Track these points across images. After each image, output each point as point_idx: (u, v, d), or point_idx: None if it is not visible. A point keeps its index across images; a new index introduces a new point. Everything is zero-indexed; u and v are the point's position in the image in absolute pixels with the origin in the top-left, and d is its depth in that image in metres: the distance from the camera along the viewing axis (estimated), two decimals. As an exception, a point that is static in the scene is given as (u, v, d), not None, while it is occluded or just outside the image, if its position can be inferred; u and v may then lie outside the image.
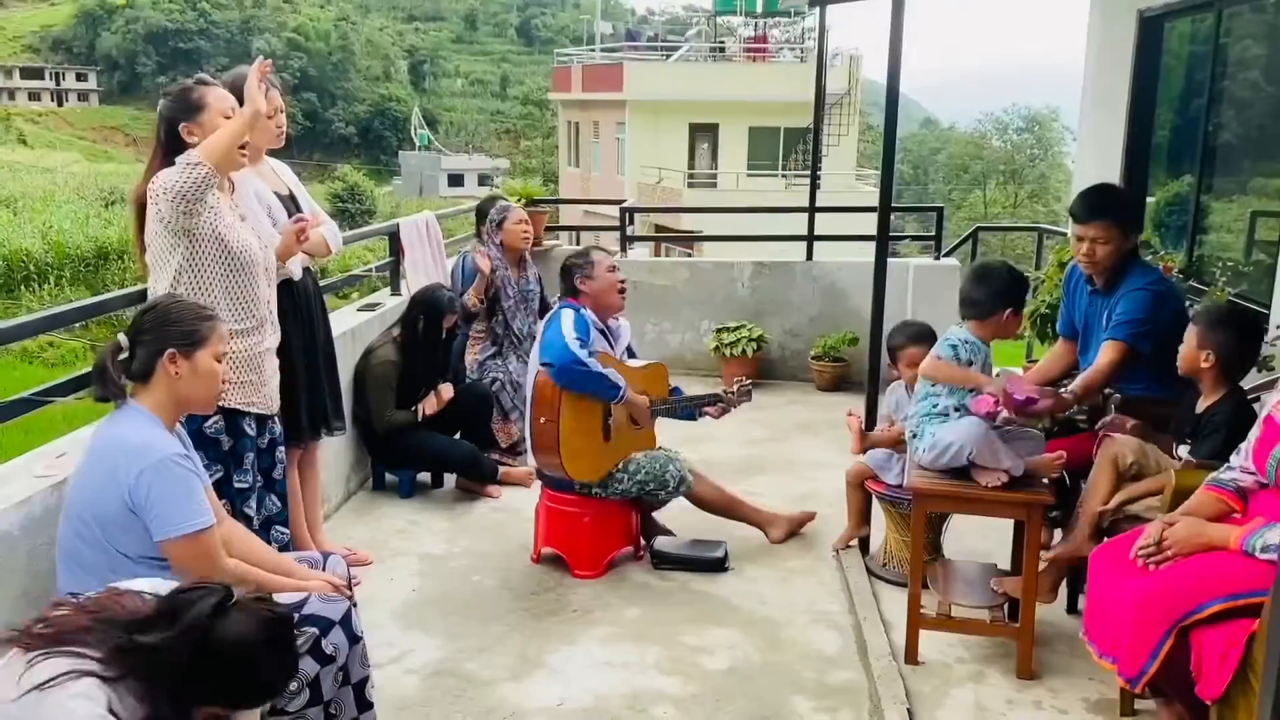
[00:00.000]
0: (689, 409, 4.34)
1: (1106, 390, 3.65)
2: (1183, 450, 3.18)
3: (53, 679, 1.67)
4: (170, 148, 3.05)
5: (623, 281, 4.20)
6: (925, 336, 3.90)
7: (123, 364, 2.46)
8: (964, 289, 3.42)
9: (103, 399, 2.48)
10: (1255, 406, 3.09)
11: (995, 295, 3.35)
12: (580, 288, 4.11)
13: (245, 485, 3.13)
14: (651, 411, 4.20)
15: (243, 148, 3.07)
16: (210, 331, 2.53)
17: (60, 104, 78.81)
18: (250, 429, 3.17)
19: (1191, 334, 3.17)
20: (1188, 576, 2.52)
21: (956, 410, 3.28)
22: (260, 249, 3.18)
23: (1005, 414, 3.15)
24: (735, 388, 4.38)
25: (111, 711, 1.69)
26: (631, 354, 4.39)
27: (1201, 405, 3.21)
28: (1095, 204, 3.64)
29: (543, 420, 3.94)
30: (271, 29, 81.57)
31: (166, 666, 1.76)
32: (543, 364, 3.92)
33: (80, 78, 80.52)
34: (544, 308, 5.66)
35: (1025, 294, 3.63)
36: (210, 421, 3.01)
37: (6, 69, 78.49)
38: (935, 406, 3.32)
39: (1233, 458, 2.77)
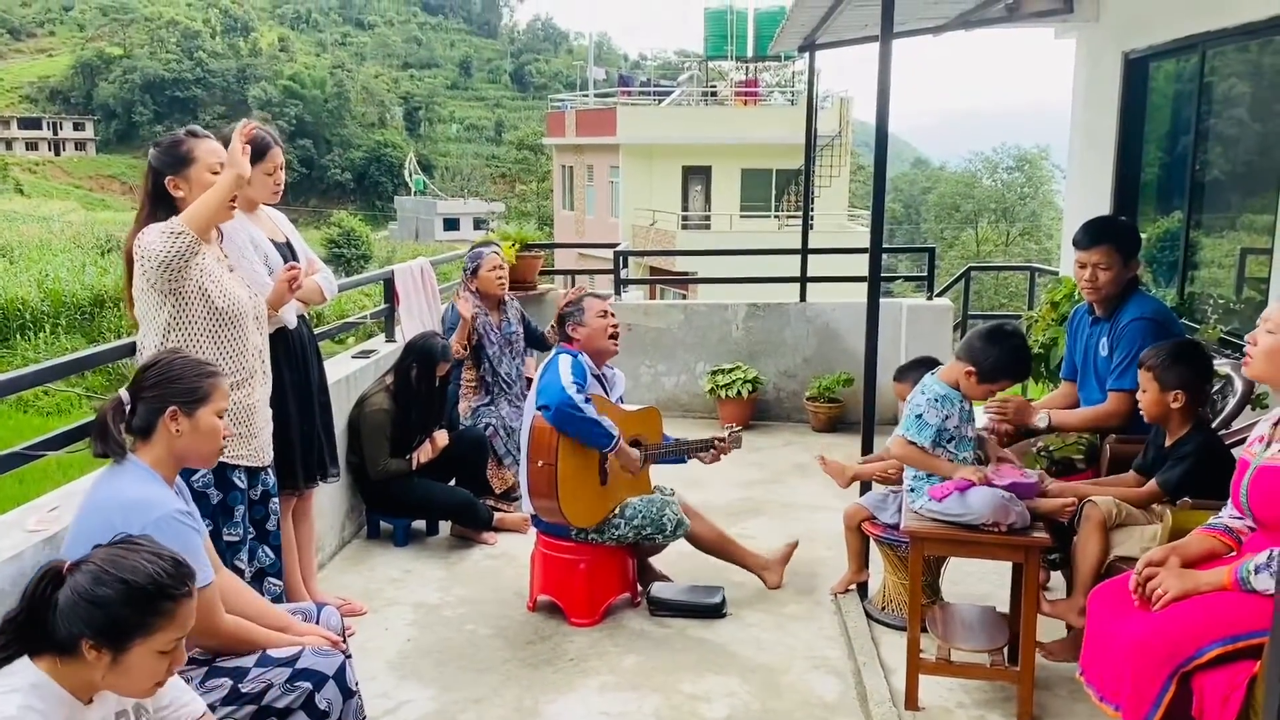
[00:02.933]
0: (681, 454, 4.34)
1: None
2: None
3: None
4: (157, 199, 3.05)
5: (615, 326, 4.17)
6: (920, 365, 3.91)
7: (124, 419, 2.44)
8: (976, 342, 3.24)
9: (102, 455, 2.44)
10: (1241, 443, 3.09)
11: (1002, 365, 3.19)
12: (573, 335, 4.11)
13: (236, 538, 3.10)
14: (645, 457, 4.19)
15: (232, 201, 3.05)
16: (212, 389, 2.51)
17: (58, 153, 79.47)
18: (240, 481, 3.14)
19: (1147, 380, 3.21)
20: (1186, 620, 2.50)
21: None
22: (250, 298, 3.16)
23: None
24: (727, 434, 4.37)
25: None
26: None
27: (1169, 441, 3.25)
28: (1097, 231, 3.81)
29: (540, 464, 3.91)
30: (268, 77, 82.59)
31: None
32: (539, 407, 3.91)
33: (78, 127, 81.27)
34: (532, 339, 5.66)
35: (1026, 375, 3.66)
36: (198, 475, 2.97)
37: (4, 119, 79.20)
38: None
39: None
